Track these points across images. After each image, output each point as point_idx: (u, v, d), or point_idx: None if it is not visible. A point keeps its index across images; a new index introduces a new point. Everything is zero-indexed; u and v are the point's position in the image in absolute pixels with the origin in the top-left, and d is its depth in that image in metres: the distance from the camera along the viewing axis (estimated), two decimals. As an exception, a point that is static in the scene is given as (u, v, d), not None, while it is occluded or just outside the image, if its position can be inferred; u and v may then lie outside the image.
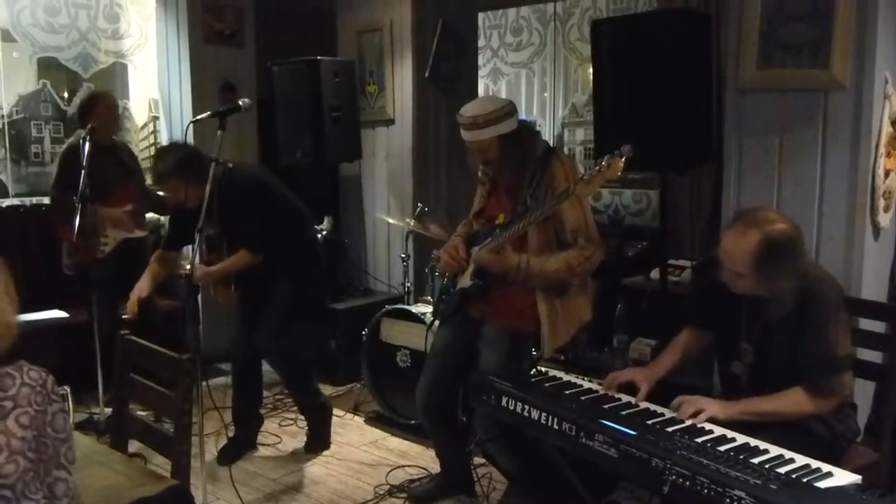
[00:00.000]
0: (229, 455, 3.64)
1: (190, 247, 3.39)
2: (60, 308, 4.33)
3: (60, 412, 1.57)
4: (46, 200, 4.77)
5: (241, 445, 3.75)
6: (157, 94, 5.17)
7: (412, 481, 3.42)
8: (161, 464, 2.12)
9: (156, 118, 5.30)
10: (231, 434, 3.71)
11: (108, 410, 3.27)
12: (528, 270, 2.67)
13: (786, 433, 2.13)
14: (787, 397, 2.21)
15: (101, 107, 4.02)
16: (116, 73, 5.23)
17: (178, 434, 2.06)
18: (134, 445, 2.35)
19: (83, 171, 3.59)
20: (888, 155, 3.02)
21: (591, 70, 4.22)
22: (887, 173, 3.03)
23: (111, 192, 4.00)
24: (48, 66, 4.91)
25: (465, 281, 2.87)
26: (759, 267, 2.16)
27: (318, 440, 3.82)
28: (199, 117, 3.31)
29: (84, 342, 3.84)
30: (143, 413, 2.76)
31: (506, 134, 2.73)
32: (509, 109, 2.75)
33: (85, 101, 4.15)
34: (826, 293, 2.22)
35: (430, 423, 3.12)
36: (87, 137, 3.69)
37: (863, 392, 2.90)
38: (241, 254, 3.43)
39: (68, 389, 1.91)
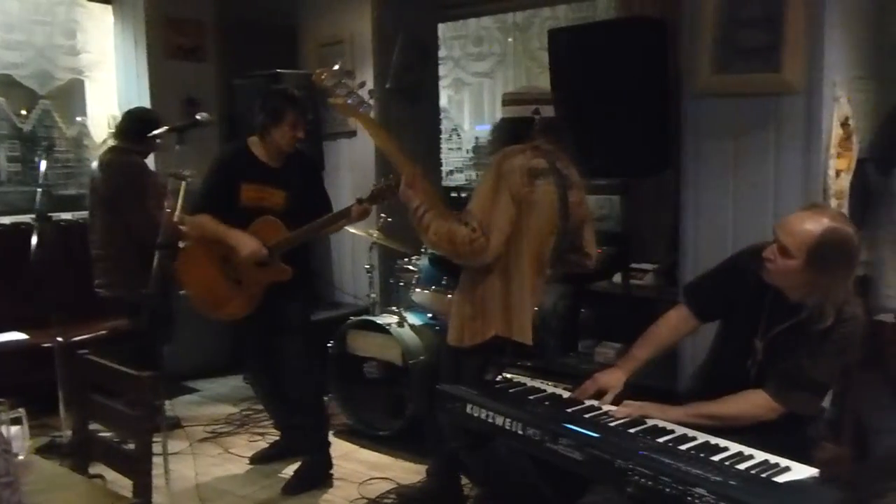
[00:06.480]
0: (266, 456, 3.74)
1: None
2: (20, 330, 4.26)
3: (1, 454, 1.48)
4: (4, 220, 4.71)
5: (283, 451, 3.76)
6: (116, 110, 5.11)
7: (388, 493, 3.39)
8: (127, 484, 2.09)
9: (115, 135, 5.24)
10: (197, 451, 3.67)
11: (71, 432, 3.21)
12: (419, 218, 2.65)
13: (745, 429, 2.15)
14: (744, 400, 2.21)
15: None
16: (74, 89, 5.17)
17: (139, 453, 2.04)
18: (97, 467, 2.32)
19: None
20: (839, 156, 3.09)
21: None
22: (838, 174, 3.10)
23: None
24: (3, 84, 4.83)
25: None
26: (815, 254, 2.06)
27: (298, 484, 3.46)
28: (155, 132, 3.29)
29: (45, 364, 3.76)
30: (108, 434, 2.72)
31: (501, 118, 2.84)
32: (508, 99, 2.85)
33: (153, 120, 3.85)
34: (855, 329, 2.19)
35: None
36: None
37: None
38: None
39: (23, 412, 1.89)
